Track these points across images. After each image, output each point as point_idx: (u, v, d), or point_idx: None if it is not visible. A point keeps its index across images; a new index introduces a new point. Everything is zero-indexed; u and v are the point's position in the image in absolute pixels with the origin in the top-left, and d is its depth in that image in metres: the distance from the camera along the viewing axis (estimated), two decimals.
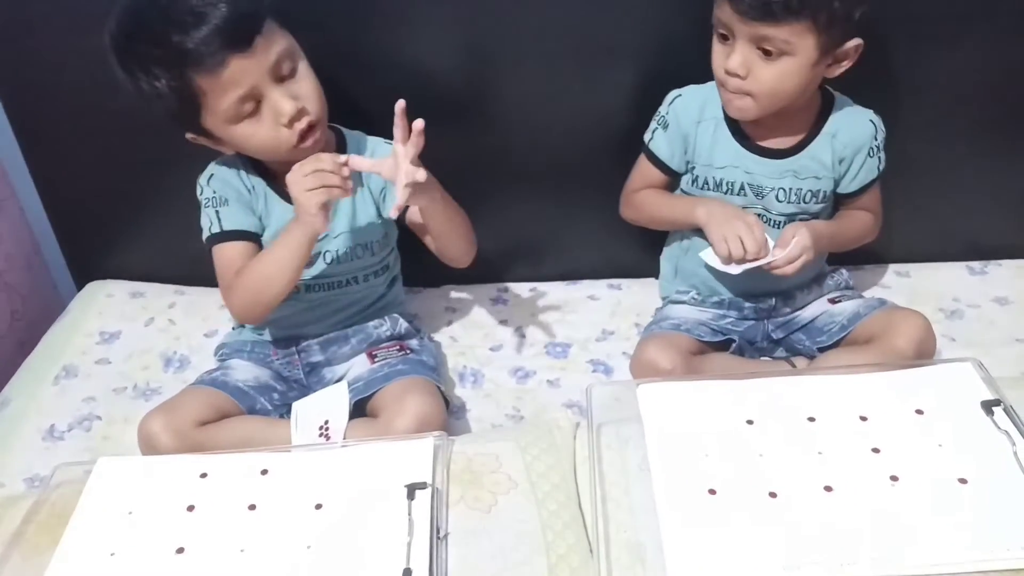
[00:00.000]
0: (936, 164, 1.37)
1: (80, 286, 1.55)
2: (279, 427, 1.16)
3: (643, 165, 1.26)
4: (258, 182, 1.18)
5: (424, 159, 1.32)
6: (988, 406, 0.93)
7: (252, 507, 0.90)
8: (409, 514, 0.86)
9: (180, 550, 0.86)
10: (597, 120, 1.34)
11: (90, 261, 1.55)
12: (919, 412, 0.94)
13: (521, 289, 1.50)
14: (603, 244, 1.48)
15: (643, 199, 1.27)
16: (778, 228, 1.19)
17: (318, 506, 0.89)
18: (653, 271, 1.45)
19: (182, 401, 1.13)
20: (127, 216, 1.48)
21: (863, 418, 0.94)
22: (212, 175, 1.19)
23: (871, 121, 1.19)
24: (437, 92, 1.31)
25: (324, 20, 1.21)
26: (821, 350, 1.22)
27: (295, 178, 1.05)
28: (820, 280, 1.28)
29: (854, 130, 1.18)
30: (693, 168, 1.23)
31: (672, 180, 1.26)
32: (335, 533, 0.86)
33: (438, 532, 0.86)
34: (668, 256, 1.36)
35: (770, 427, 0.94)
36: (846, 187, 1.21)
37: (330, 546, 0.85)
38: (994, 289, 1.43)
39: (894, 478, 0.86)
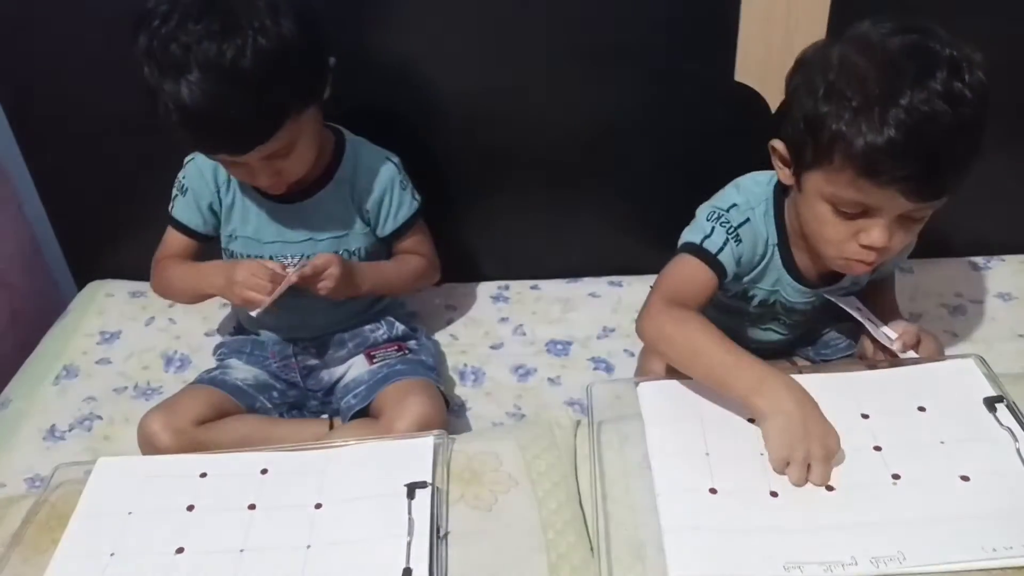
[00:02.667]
0: None
1: (80, 286, 1.55)
2: (279, 426, 1.17)
3: (699, 273, 1.03)
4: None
5: (425, 157, 1.33)
6: (991, 403, 0.92)
7: (252, 507, 0.90)
8: (409, 513, 0.86)
9: (180, 550, 0.86)
10: (598, 118, 1.34)
11: (90, 261, 1.55)
12: (921, 409, 0.93)
13: (521, 287, 1.50)
14: (604, 241, 1.48)
15: (690, 329, 0.95)
16: (788, 326, 1.16)
17: (318, 506, 0.89)
18: (654, 268, 1.44)
19: (182, 400, 1.13)
20: (127, 216, 1.48)
21: (864, 415, 0.93)
22: (192, 160, 1.20)
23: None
24: (438, 90, 1.32)
25: (326, 18, 1.21)
26: (825, 362, 1.21)
27: (241, 274, 1.09)
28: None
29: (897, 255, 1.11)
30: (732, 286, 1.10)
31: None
32: (335, 533, 0.86)
33: (438, 531, 0.85)
34: None
35: None
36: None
37: (330, 546, 0.85)
38: (997, 285, 1.42)
39: (896, 476, 0.86)
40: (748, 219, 1.04)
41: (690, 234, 1.05)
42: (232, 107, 0.97)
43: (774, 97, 1.28)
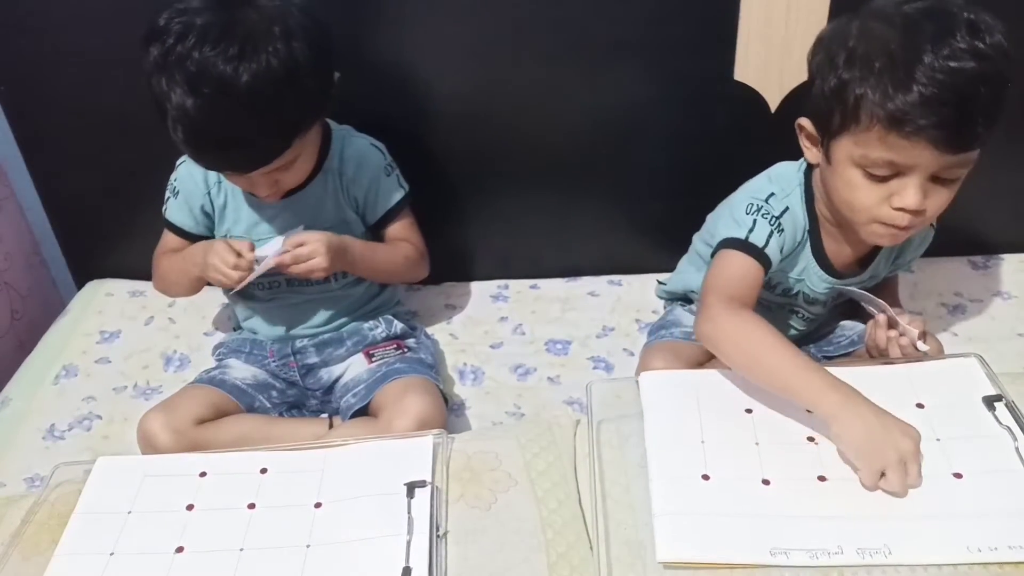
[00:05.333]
0: None
1: (80, 285, 1.55)
2: (278, 425, 1.17)
3: (749, 267, 1.01)
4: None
5: (425, 156, 1.33)
6: (990, 401, 0.92)
7: (251, 506, 0.90)
8: (409, 512, 0.86)
9: (179, 549, 0.86)
10: (597, 117, 1.34)
11: (90, 260, 1.55)
12: (920, 406, 0.93)
13: (521, 286, 1.50)
14: (603, 240, 1.48)
15: (755, 331, 0.93)
16: (806, 321, 1.17)
17: (318, 505, 0.89)
18: (653, 267, 1.45)
19: (181, 400, 1.13)
20: (127, 216, 1.48)
21: None
22: (183, 162, 1.20)
23: (931, 225, 1.12)
24: (438, 89, 1.32)
25: (325, 18, 1.21)
26: (827, 359, 1.21)
27: (219, 249, 1.11)
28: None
29: (919, 241, 1.13)
30: None
31: None
32: (335, 532, 0.86)
33: (438, 530, 0.85)
34: (693, 264, 1.27)
35: (768, 416, 0.93)
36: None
37: (330, 545, 0.85)
38: (996, 284, 1.42)
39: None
40: (788, 207, 1.04)
41: (730, 229, 1.03)
42: (240, 130, 0.99)
43: (773, 96, 1.28)
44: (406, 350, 1.24)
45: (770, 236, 1.02)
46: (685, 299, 1.29)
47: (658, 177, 1.39)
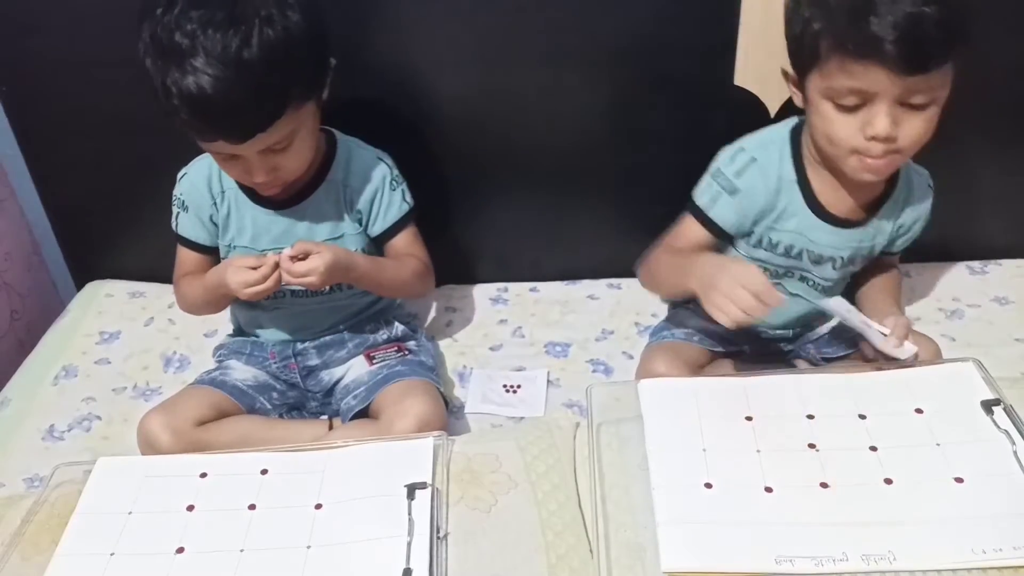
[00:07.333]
0: (936, 164, 1.37)
1: (80, 286, 1.55)
2: (278, 426, 1.17)
3: (691, 228, 1.14)
4: (230, 185, 1.17)
5: (425, 160, 1.33)
6: (988, 405, 0.93)
7: (252, 507, 0.90)
8: (409, 514, 0.86)
9: (180, 550, 0.86)
10: (597, 120, 1.34)
11: (90, 261, 1.55)
12: (918, 411, 0.94)
13: (521, 289, 1.50)
14: (603, 243, 1.48)
15: (657, 261, 1.11)
16: (818, 291, 1.16)
17: (318, 506, 0.89)
18: None
19: (181, 400, 1.14)
20: (127, 216, 1.48)
21: (862, 416, 0.94)
22: (185, 175, 1.19)
23: (929, 185, 1.16)
24: (437, 92, 1.32)
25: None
26: (827, 360, 1.21)
27: (233, 272, 1.09)
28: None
29: (918, 198, 1.15)
30: (752, 230, 1.14)
31: (723, 244, 1.15)
32: (335, 533, 0.86)
33: (438, 532, 0.85)
34: None
35: (769, 424, 0.94)
36: (893, 248, 1.18)
37: (330, 546, 0.85)
38: (994, 289, 1.43)
39: (888, 480, 0.86)
40: (754, 158, 1.10)
41: (697, 188, 1.14)
42: (234, 93, 0.97)
43: (773, 101, 1.29)
44: (407, 352, 1.24)
45: (717, 198, 1.11)
46: (688, 300, 1.30)
47: (658, 181, 1.39)
